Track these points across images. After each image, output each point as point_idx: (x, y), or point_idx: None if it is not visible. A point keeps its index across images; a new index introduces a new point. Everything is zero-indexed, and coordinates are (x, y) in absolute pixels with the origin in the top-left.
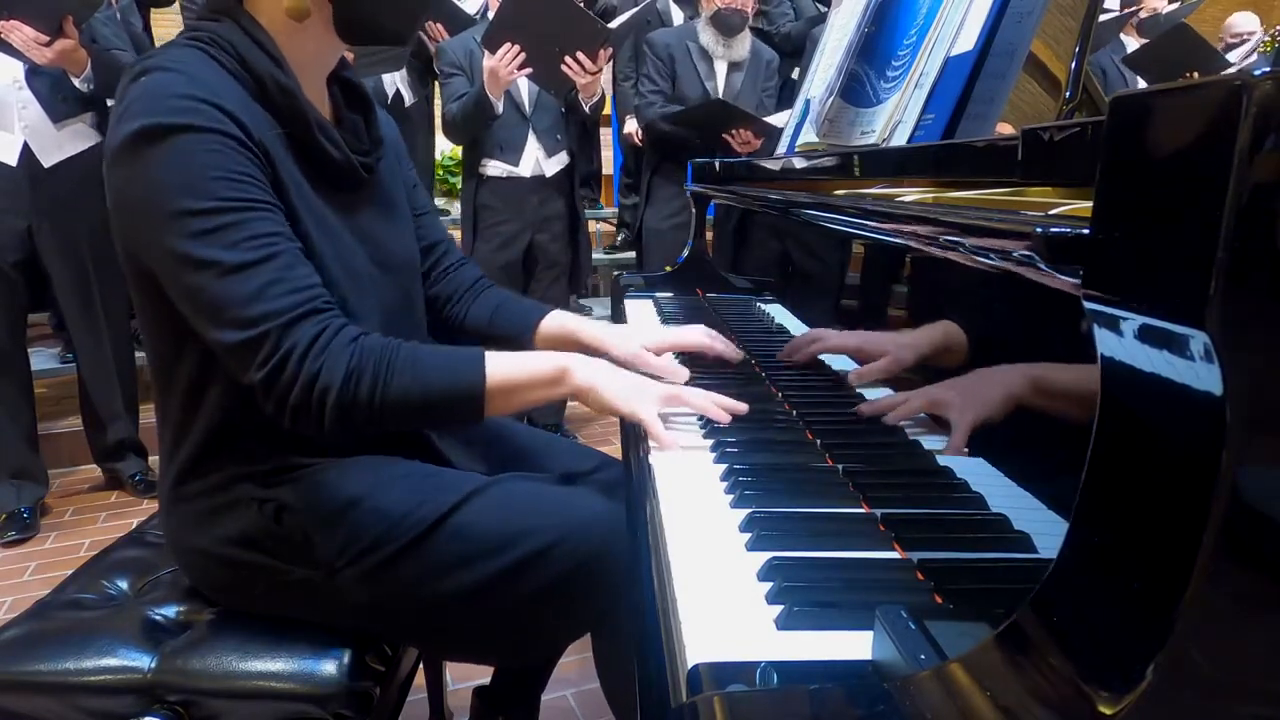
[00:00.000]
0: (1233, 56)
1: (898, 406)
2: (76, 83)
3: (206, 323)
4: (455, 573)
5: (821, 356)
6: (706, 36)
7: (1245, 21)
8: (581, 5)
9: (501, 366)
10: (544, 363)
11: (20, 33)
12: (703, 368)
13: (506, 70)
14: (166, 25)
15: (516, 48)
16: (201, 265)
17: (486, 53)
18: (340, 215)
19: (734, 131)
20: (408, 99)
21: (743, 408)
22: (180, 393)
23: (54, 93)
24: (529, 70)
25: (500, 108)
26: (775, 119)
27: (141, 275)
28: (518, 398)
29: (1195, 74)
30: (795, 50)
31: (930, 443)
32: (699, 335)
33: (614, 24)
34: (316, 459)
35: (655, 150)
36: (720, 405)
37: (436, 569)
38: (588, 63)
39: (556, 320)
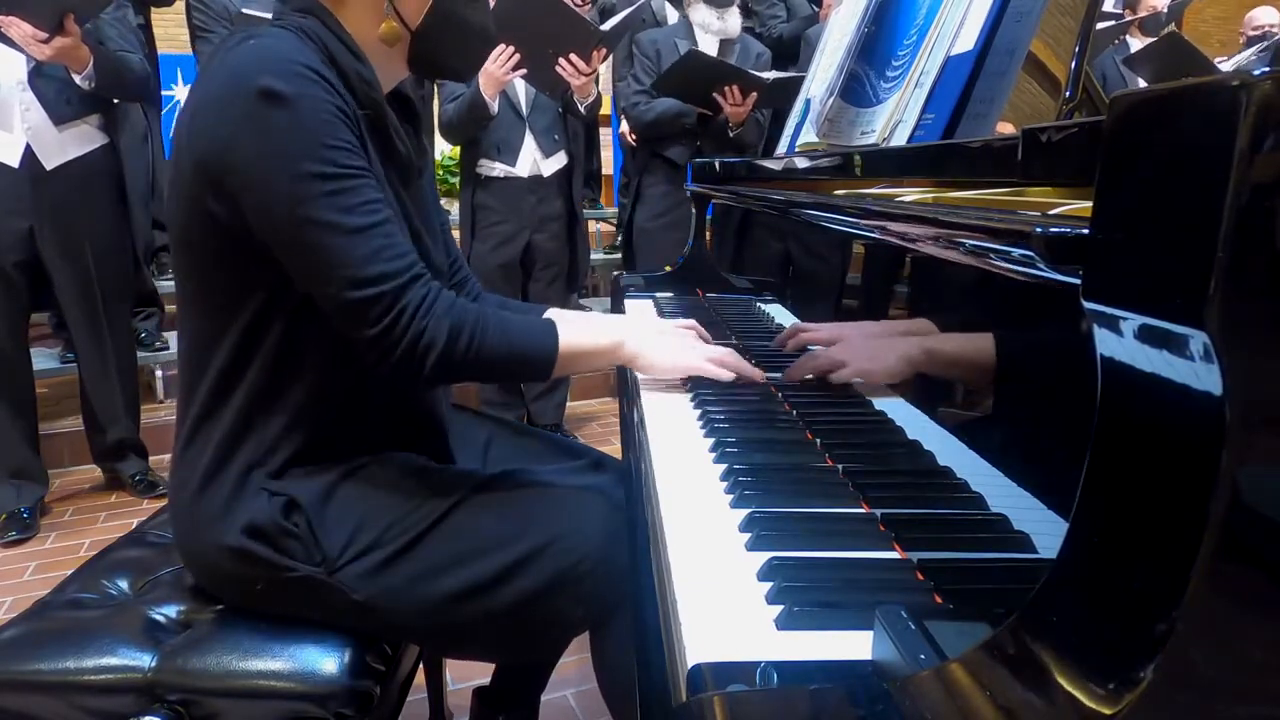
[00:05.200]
0: (1253, 51)
1: (805, 366)
2: (78, 80)
3: (321, 279)
4: (454, 570)
5: None
6: (699, 14)
7: (1266, 15)
8: (576, 7)
9: (571, 336)
10: (603, 335)
11: (19, 28)
12: None
13: (501, 71)
14: (166, 25)
15: (511, 49)
16: (323, 226)
17: None
18: (402, 205)
19: (724, 90)
20: None
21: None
22: (212, 379)
23: (57, 95)
24: (523, 71)
25: (495, 109)
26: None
27: (199, 241)
28: (580, 363)
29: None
30: (789, 54)
31: (931, 440)
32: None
33: (607, 25)
34: (327, 455)
35: (644, 147)
36: (753, 374)
37: (435, 566)
38: (581, 64)
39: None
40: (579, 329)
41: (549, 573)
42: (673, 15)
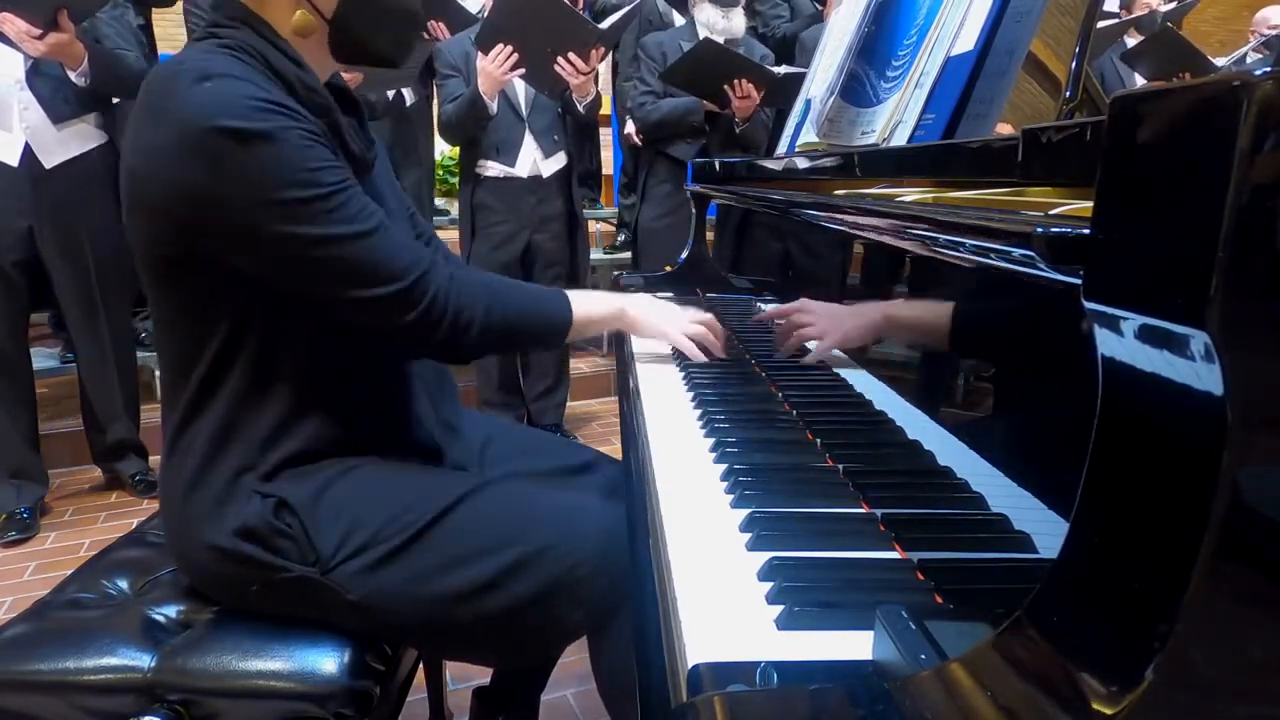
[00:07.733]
0: (1250, 48)
1: (788, 337)
2: (73, 76)
3: (352, 287)
4: (449, 572)
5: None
6: (705, 14)
7: (1278, 15)
8: (574, 6)
9: (581, 304)
10: (609, 302)
11: (12, 24)
12: (701, 364)
13: (500, 71)
14: (166, 25)
15: (509, 49)
16: (338, 240)
17: (480, 54)
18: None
19: (733, 84)
20: (408, 99)
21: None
22: (192, 388)
23: (55, 93)
24: (522, 71)
25: (494, 109)
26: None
27: (168, 267)
28: (590, 329)
29: (1187, 74)
30: (792, 54)
31: (931, 440)
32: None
33: (605, 24)
34: (318, 456)
35: (649, 147)
36: (722, 343)
37: (431, 568)
38: (580, 63)
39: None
40: (588, 298)
41: (545, 578)
42: (679, 19)
